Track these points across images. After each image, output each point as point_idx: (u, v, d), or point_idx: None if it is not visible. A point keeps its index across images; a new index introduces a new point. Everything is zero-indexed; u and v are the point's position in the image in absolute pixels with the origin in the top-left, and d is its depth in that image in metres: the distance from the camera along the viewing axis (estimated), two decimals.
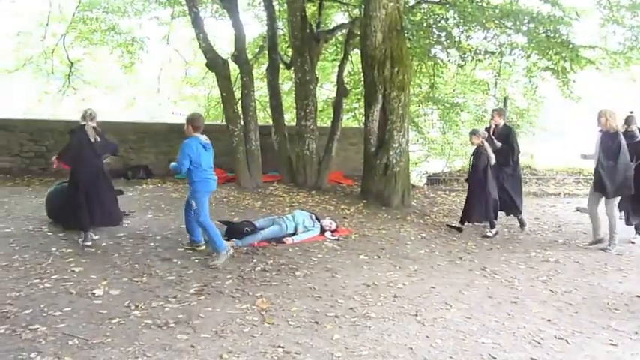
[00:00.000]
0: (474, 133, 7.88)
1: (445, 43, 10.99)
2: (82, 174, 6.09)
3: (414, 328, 4.20)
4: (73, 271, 5.11)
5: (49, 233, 6.23)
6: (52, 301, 4.36)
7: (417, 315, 4.48)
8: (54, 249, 5.68)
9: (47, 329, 3.82)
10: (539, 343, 4.05)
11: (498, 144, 7.90)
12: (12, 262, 5.23)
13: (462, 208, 8.05)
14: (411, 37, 9.62)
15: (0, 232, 6.22)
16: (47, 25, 13.62)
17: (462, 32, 11.08)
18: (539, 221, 8.76)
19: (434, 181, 12.28)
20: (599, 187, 6.82)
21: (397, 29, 9.08)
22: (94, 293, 4.56)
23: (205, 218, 5.79)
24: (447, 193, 11.37)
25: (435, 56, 11.98)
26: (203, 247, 6.06)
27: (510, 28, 10.42)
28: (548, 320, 4.52)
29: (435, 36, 11.04)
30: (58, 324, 3.93)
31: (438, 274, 5.71)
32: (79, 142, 6.10)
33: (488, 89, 14.65)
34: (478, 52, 11.52)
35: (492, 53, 11.62)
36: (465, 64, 11.94)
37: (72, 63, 14.25)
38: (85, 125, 6.14)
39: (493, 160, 7.60)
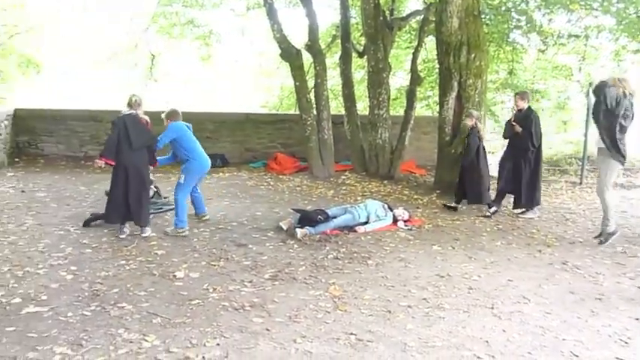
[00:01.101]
0: (468, 114, 8.15)
1: (525, 27, 10.56)
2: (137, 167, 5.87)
3: (489, 322, 4.09)
4: (156, 254, 5.38)
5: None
6: (137, 281, 4.62)
7: (492, 308, 4.36)
8: (136, 233, 5.99)
9: (133, 308, 4.05)
10: (625, 342, 3.83)
11: (519, 128, 7.66)
12: (101, 244, 5.59)
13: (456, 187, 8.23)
14: (488, 22, 9.29)
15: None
16: (131, 20, 14.32)
17: (544, 15, 10.59)
18: (627, 214, 8.24)
19: None
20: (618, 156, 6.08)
21: (474, 14, 8.81)
22: (175, 275, 4.78)
23: (182, 195, 6.20)
24: None
25: (514, 41, 11.53)
26: (207, 217, 6.66)
27: (597, 10, 9.83)
28: (637, 319, 4.25)
29: (514, 20, 10.63)
30: (142, 303, 4.15)
31: (516, 267, 5.52)
32: (135, 130, 5.74)
33: (572, 75, 13.91)
34: (561, 35, 10.97)
35: (577, 36, 11.02)
36: (547, 48, 11.42)
37: (153, 56, 14.90)
38: (136, 113, 5.80)
39: (484, 140, 8.03)
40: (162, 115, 6.45)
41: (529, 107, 7.89)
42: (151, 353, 3.36)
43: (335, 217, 6.55)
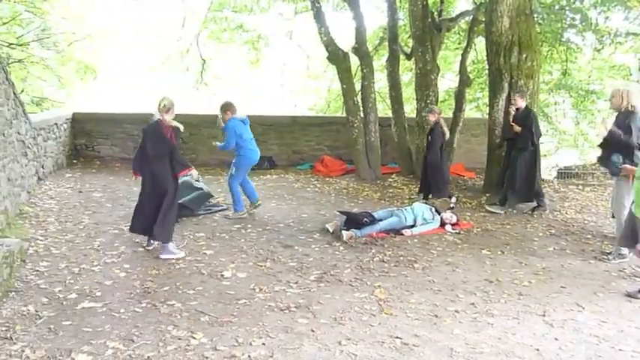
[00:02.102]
0: (429, 111, 8.42)
1: (580, 25, 10.18)
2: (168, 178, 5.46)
3: (540, 329, 3.97)
4: (205, 253, 5.49)
5: (184, 219, 6.68)
6: (186, 280, 4.73)
7: (544, 315, 4.23)
8: (185, 233, 6.14)
9: (182, 306, 4.15)
10: None
11: (517, 128, 7.68)
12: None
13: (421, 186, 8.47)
14: (540, 21, 9.00)
15: None
16: (183, 26, 14.67)
17: (600, 13, 10.18)
18: None
19: (565, 174, 11.41)
20: None
21: (525, 13, 8.59)
22: (222, 275, 4.87)
23: (235, 183, 6.89)
24: (580, 187, 10.55)
25: (568, 40, 11.14)
26: (260, 203, 7.21)
27: None
28: None
29: (568, 19, 10.26)
30: (191, 301, 4.25)
31: (569, 273, 5.33)
32: (152, 139, 5.42)
33: (630, 74, 13.32)
34: (618, 34, 10.52)
35: (635, 35, 10.54)
36: (603, 47, 10.97)
37: (204, 60, 15.22)
38: (161, 120, 5.40)
39: (447, 136, 8.31)
40: (219, 109, 6.95)
41: (526, 107, 7.93)
42: (198, 350, 3.44)
43: (381, 220, 6.51)
